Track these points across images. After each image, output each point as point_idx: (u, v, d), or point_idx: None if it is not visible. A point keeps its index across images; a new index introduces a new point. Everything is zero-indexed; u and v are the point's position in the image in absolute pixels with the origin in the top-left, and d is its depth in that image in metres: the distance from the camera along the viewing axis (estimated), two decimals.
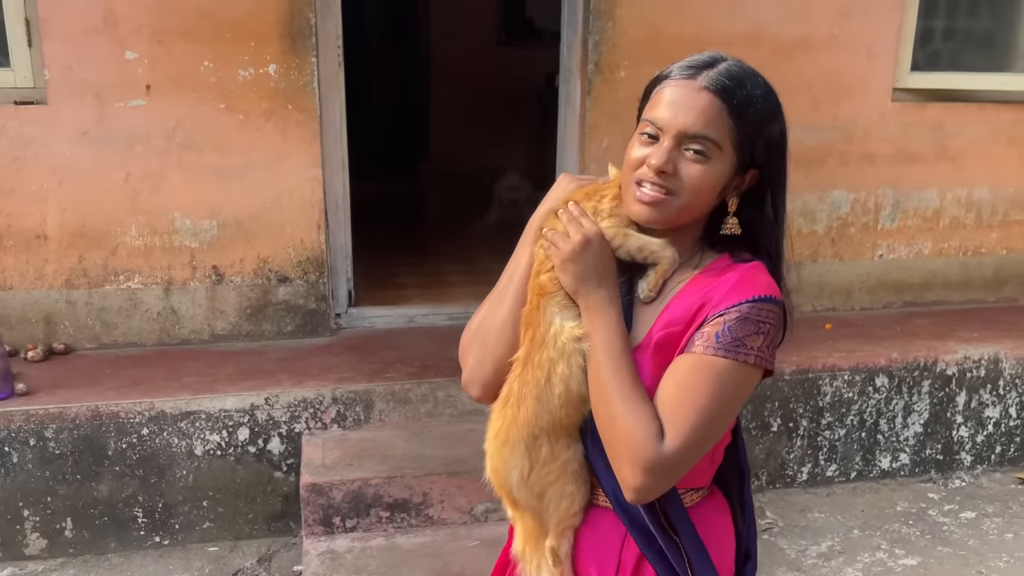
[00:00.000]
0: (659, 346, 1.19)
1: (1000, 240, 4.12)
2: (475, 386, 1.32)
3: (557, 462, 1.24)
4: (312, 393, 3.00)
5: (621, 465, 1.14)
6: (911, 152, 3.89)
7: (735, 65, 1.20)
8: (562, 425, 1.23)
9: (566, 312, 1.22)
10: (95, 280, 3.25)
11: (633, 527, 1.24)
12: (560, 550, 1.29)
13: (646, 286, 1.23)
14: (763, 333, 1.15)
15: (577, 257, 1.19)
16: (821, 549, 3.05)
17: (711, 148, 1.17)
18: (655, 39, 3.42)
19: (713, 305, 1.16)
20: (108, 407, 2.86)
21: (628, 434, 1.12)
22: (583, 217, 1.22)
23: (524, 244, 1.29)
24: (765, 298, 1.16)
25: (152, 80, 3.12)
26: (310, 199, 3.33)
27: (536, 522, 1.30)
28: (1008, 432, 3.63)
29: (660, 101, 1.19)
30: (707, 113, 1.16)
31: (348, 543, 2.75)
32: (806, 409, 3.38)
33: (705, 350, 1.13)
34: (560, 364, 1.20)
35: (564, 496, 1.25)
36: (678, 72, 1.20)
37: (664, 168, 1.16)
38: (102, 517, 2.92)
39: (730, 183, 1.21)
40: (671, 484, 1.16)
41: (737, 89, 1.17)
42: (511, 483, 1.27)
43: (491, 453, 1.29)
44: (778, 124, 1.22)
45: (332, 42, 3.33)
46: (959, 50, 4.03)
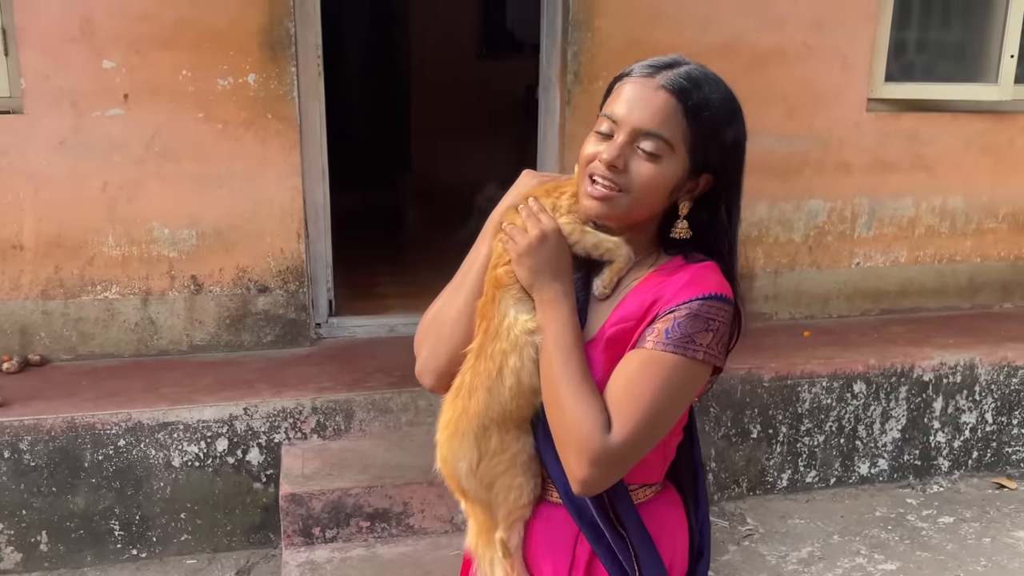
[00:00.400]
0: (611, 341, 1.20)
1: (974, 248, 4.18)
2: (428, 375, 1.33)
3: (506, 453, 1.25)
4: (292, 403, 2.98)
5: (568, 456, 1.15)
6: (886, 161, 3.94)
7: (696, 69, 1.21)
8: (512, 417, 1.24)
9: (520, 305, 1.23)
10: (72, 290, 3.22)
11: (582, 521, 1.25)
12: (510, 542, 1.29)
13: (601, 283, 1.25)
14: (712, 330, 1.16)
15: (533, 251, 1.21)
16: (801, 555, 3.06)
17: (663, 148, 1.17)
18: (633, 49, 3.45)
19: (664, 302, 1.17)
20: (84, 418, 2.83)
21: (576, 425, 1.13)
22: (541, 213, 1.24)
23: (483, 238, 1.31)
24: (715, 296, 1.17)
25: (130, 89, 3.10)
26: (290, 208, 3.32)
27: (487, 514, 1.30)
28: (984, 437, 3.67)
29: (618, 97, 1.20)
30: (662, 112, 1.17)
31: (328, 553, 2.73)
32: (785, 416, 3.40)
33: (655, 345, 1.15)
34: (512, 356, 1.21)
35: (513, 488, 1.26)
36: (639, 70, 1.21)
37: (615, 163, 1.17)
38: (78, 530, 2.88)
39: (682, 185, 1.21)
40: (617, 477, 1.17)
41: (694, 91, 1.17)
42: (460, 473, 1.28)
43: (441, 443, 1.30)
44: (734, 130, 1.22)
45: (312, 52, 3.34)
46: (932, 61, 4.09)
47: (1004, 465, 3.73)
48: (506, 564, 1.30)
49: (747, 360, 3.40)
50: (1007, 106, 4.05)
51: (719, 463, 3.37)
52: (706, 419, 3.30)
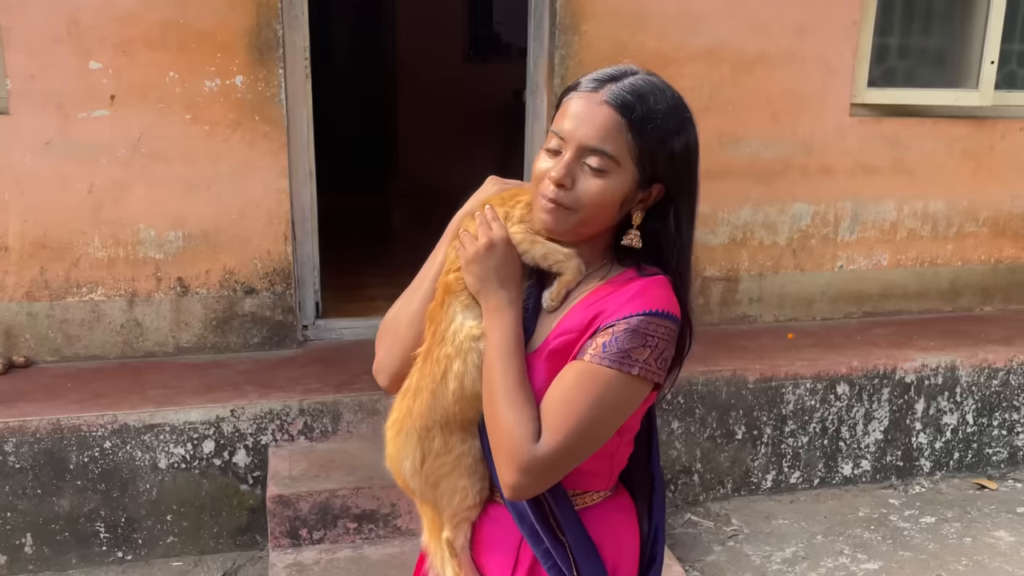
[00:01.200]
0: (553, 353, 1.20)
1: (955, 251, 4.23)
2: (383, 375, 1.35)
3: (450, 455, 1.27)
4: (279, 405, 2.99)
5: (500, 462, 1.17)
6: (869, 166, 3.99)
7: (641, 79, 1.19)
8: (456, 420, 1.25)
9: (468, 312, 1.25)
10: (57, 292, 3.21)
11: (523, 525, 1.26)
12: (456, 542, 1.31)
13: (548, 296, 1.25)
14: (651, 347, 1.15)
15: (481, 259, 1.22)
16: (785, 555, 3.09)
17: (609, 163, 1.17)
18: (620, 53, 3.48)
19: (607, 316, 1.17)
20: (69, 420, 2.82)
21: (507, 432, 1.15)
22: (494, 221, 1.24)
23: (442, 243, 1.32)
24: (658, 312, 1.16)
25: (116, 90, 3.10)
26: (277, 210, 3.32)
27: (434, 512, 1.33)
28: (965, 438, 3.72)
29: (565, 113, 1.20)
30: (605, 127, 1.16)
31: (315, 555, 2.73)
32: (770, 417, 3.43)
33: (592, 358, 1.15)
34: (456, 361, 1.23)
35: (457, 490, 1.28)
36: (585, 84, 1.20)
37: (562, 181, 1.17)
38: (63, 532, 2.87)
39: (633, 197, 1.20)
40: (546, 486, 1.18)
41: (638, 104, 1.16)
42: (405, 472, 1.30)
43: (388, 440, 1.32)
44: (683, 139, 1.20)
45: (299, 54, 3.34)
46: (914, 67, 4.15)
47: (985, 466, 3.78)
48: (453, 564, 1.31)
49: (732, 362, 3.43)
50: (987, 111, 4.11)
51: (704, 464, 3.39)
52: (691, 420, 3.33)
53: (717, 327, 3.85)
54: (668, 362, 1.19)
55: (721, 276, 3.86)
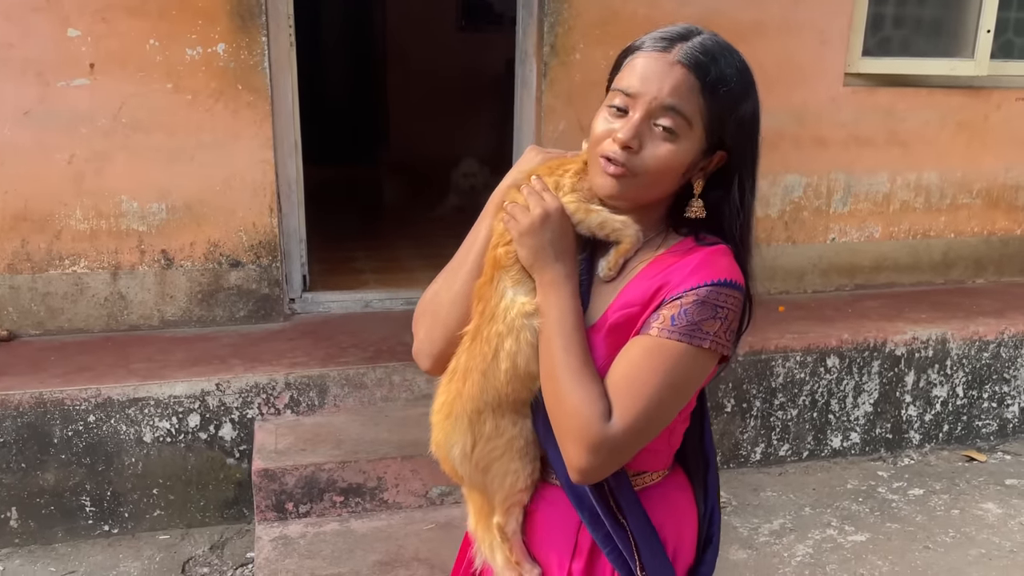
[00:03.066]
0: (614, 327, 1.16)
1: (948, 224, 4.20)
2: (424, 357, 1.29)
3: (502, 438, 1.22)
4: (265, 378, 2.96)
5: (566, 444, 1.12)
6: (862, 137, 3.95)
7: (710, 39, 1.14)
8: (508, 401, 1.20)
9: (519, 287, 1.19)
10: (39, 265, 3.16)
11: (581, 508, 1.22)
12: (507, 527, 1.27)
13: (606, 264, 1.20)
14: (721, 318, 1.11)
15: (535, 230, 1.16)
16: (773, 527, 3.09)
17: (681, 125, 1.12)
18: (610, 21, 3.42)
19: (672, 287, 1.13)
20: (53, 394, 2.79)
21: (575, 412, 1.09)
22: (545, 191, 1.19)
23: (485, 217, 1.26)
24: (725, 282, 1.12)
25: (96, 59, 3.03)
26: (262, 182, 3.27)
27: (483, 498, 1.28)
28: (955, 411, 3.72)
29: (632, 72, 1.14)
30: (680, 87, 1.11)
31: (301, 528, 2.72)
32: (759, 390, 3.42)
33: (660, 332, 1.10)
34: (508, 339, 1.17)
35: (509, 473, 1.23)
36: (651, 44, 1.14)
37: (630, 143, 1.12)
38: (48, 506, 2.86)
39: (696, 164, 1.16)
40: (617, 466, 1.14)
41: (711, 65, 1.12)
42: (454, 458, 1.25)
43: (435, 426, 1.27)
44: (751, 104, 1.16)
45: (283, 21, 3.27)
46: (909, 36, 4.09)
47: (974, 438, 3.78)
48: (504, 548, 1.28)
49: None
50: (983, 81, 4.06)
51: None
52: None
53: None
54: (736, 333, 1.16)
55: None
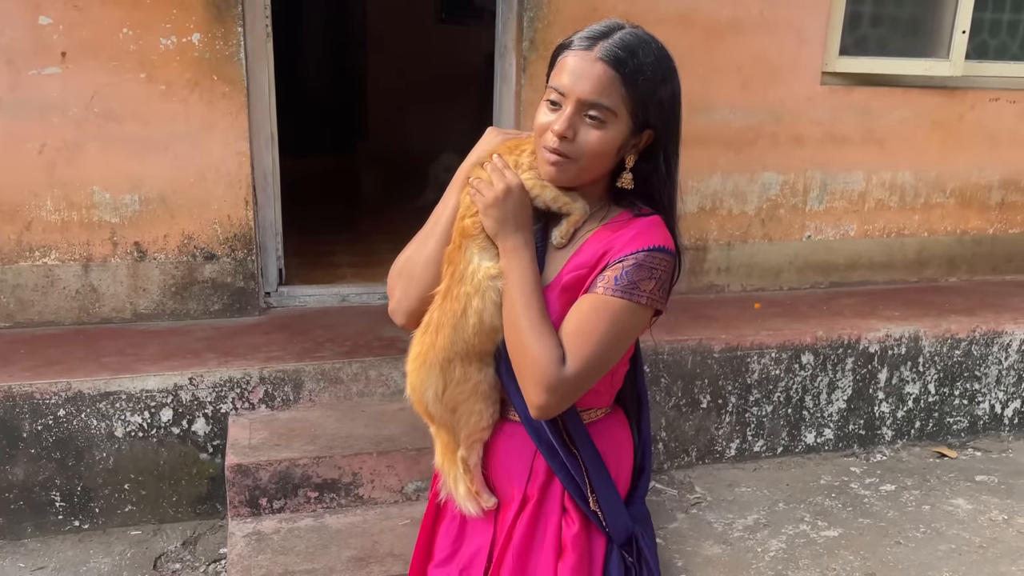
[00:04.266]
0: (566, 287, 1.34)
1: (922, 222, 4.25)
2: (400, 314, 1.46)
3: (469, 383, 1.39)
4: (239, 373, 2.93)
5: (527, 385, 1.30)
6: (839, 135, 3.97)
7: (629, 34, 1.30)
8: (475, 351, 1.38)
9: (484, 253, 1.36)
10: (9, 256, 3.11)
11: (539, 442, 1.41)
12: (470, 460, 1.45)
13: (558, 233, 1.38)
14: (655, 278, 1.30)
15: (499, 203, 1.33)
16: (747, 522, 3.11)
17: (607, 114, 1.29)
18: (590, 16, 3.37)
19: (614, 253, 1.31)
20: (22, 388, 2.75)
21: (535, 359, 1.28)
22: (506, 169, 1.35)
23: (451, 190, 1.42)
24: (659, 248, 1.31)
25: (67, 47, 2.98)
26: (237, 174, 3.24)
27: (450, 436, 1.46)
28: (927, 408, 3.76)
29: (562, 70, 1.30)
30: (602, 82, 1.27)
31: (275, 524, 2.70)
32: (735, 386, 3.44)
33: (604, 291, 1.29)
34: (475, 298, 1.35)
35: (473, 413, 1.41)
36: (578, 42, 1.30)
37: (565, 134, 1.29)
38: (17, 501, 2.82)
39: (627, 143, 1.33)
40: (569, 403, 1.32)
41: (629, 59, 1.27)
42: (427, 399, 1.42)
43: (410, 373, 1.43)
44: (669, 87, 1.32)
45: (259, 12, 3.24)
46: (886, 36, 4.12)
47: (945, 435, 3.83)
48: (466, 479, 1.45)
49: (698, 331, 3.42)
50: (958, 82, 4.10)
51: (669, 433, 3.40)
52: (657, 389, 3.33)
53: (684, 296, 3.84)
54: (668, 290, 1.34)
55: (689, 245, 3.84)
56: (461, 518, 1.50)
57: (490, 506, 1.47)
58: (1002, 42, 4.23)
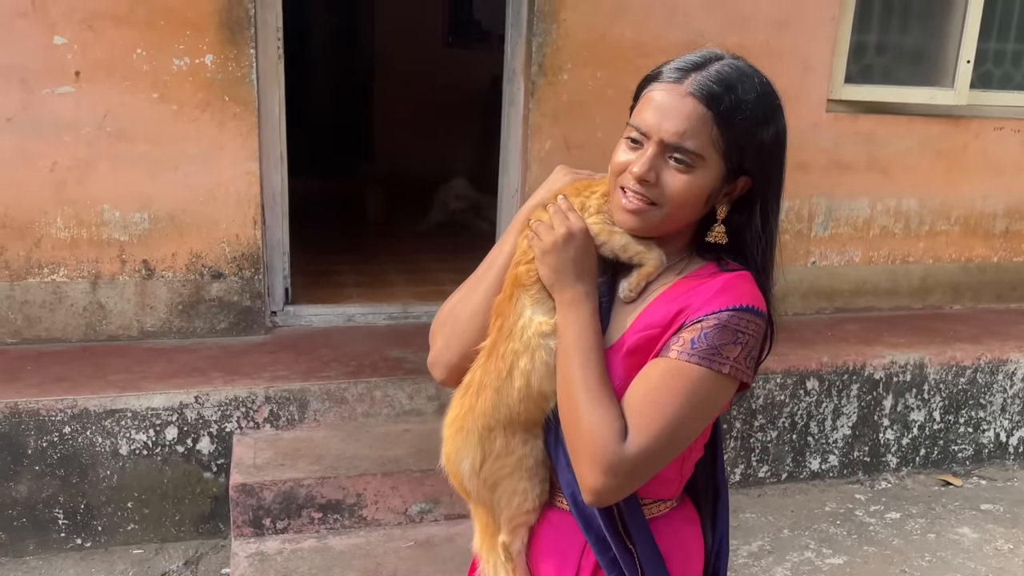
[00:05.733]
0: (633, 349, 1.16)
1: (927, 249, 4.26)
2: (439, 368, 1.30)
3: (512, 457, 1.22)
4: (244, 392, 2.94)
5: (581, 464, 1.11)
6: (843, 162, 4.00)
7: (728, 65, 1.15)
8: (520, 420, 1.21)
9: (538, 306, 1.20)
10: (17, 273, 3.13)
11: (589, 532, 1.21)
12: (512, 547, 1.27)
13: (627, 286, 1.21)
14: (741, 344, 1.11)
15: (558, 249, 1.17)
16: (752, 549, 3.10)
17: (695, 159, 1.13)
18: (598, 43, 3.45)
19: (693, 311, 1.13)
20: (28, 404, 2.75)
21: (591, 432, 1.09)
22: (570, 211, 1.20)
23: (509, 233, 1.27)
24: (747, 308, 1.12)
25: (82, 66, 3.02)
26: (246, 193, 3.26)
27: (489, 516, 1.28)
28: (932, 435, 3.75)
29: (647, 106, 1.15)
30: (690, 121, 1.11)
31: (278, 545, 2.69)
32: (739, 411, 3.43)
33: (679, 355, 1.10)
34: (523, 358, 1.18)
35: (517, 492, 1.24)
36: (667, 74, 1.15)
37: (646, 177, 1.14)
38: (20, 518, 2.81)
39: (719, 191, 1.16)
40: (631, 489, 1.13)
41: (725, 95, 1.12)
42: (462, 472, 1.26)
43: (446, 439, 1.28)
44: (772, 129, 1.16)
45: (272, 34, 3.27)
46: (891, 64, 4.15)
47: (950, 463, 3.81)
48: (508, 568, 1.28)
49: None
50: (962, 111, 4.13)
51: None
52: None
53: None
54: (756, 360, 1.15)
55: None
56: None
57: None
58: (1006, 72, 4.27)
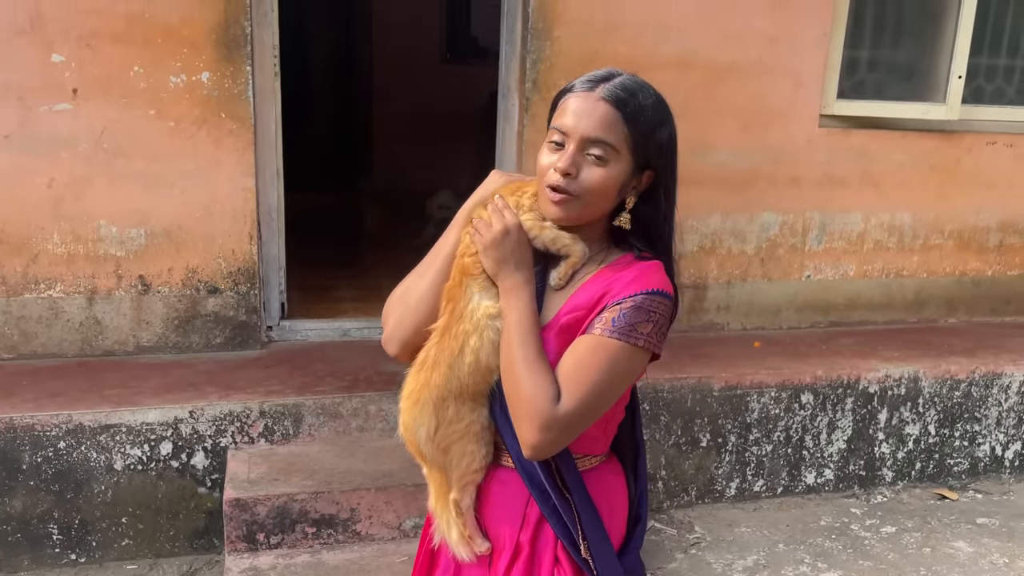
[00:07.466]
0: (564, 328, 1.35)
1: (920, 263, 4.27)
2: (394, 343, 1.46)
3: (462, 423, 1.39)
4: (239, 406, 2.94)
5: (521, 424, 1.29)
6: (837, 177, 4.02)
7: (629, 79, 1.36)
8: (469, 391, 1.37)
9: (485, 292, 1.37)
10: (14, 288, 3.14)
11: (531, 485, 1.40)
12: (462, 503, 1.43)
13: (557, 275, 1.39)
14: (653, 321, 1.31)
15: (498, 244, 1.35)
16: (747, 563, 3.09)
17: (609, 152, 1.32)
18: (591, 59, 3.48)
19: (613, 295, 1.32)
20: (23, 419, 2.76)
21: (530, 397, 1.28)
22: (506, 209, 1.37)
23: (453, 227, 1.44)
24: (657, 292, 1.32)
25: (79, 84, 3.04)
26: (242, 209, 3.28)
27: (442, 476, 1.44)
28: (927, 449, 3.75)
29: (565, 111, 1.34)
30: (605, 120, 1.31)
31: (272, 560, 2.69)
32: (734, 425, 3.44)
33: (602, 332, 1.30)
34: (473, 337, 1.36)
35: (466, 454, 1.40)
36: (579, 85, 1.35)
37: (568, 170, 1.32)
38: (15, 534, 2.81)
39: (628, 183, 1.36)
40: (563, 444, 1.32)
41: (630, 99, 1.32)
42: (419, 439, 1.41)
43: (403, 411, 1.42)
44: (667, 129, 1.37)
45: (268, 52, 3.30)
46: (883, 79, 4.19)
47: (946, 476, 3.81)
48: (459, 523, 1.43)
49: (698, 369, 3.43)
50: (954, 126, 4.16)
51: (669, 471, 3.40)
52: (656, 427, 3.33)
53: (684, 334, 3.85)
54: (665, 334, 1.35)
55: (689, 284, 3.87)
56: (456, 564, 1.48)
57: (483, 551, 1.45)
58: (998, 87, 4.30)
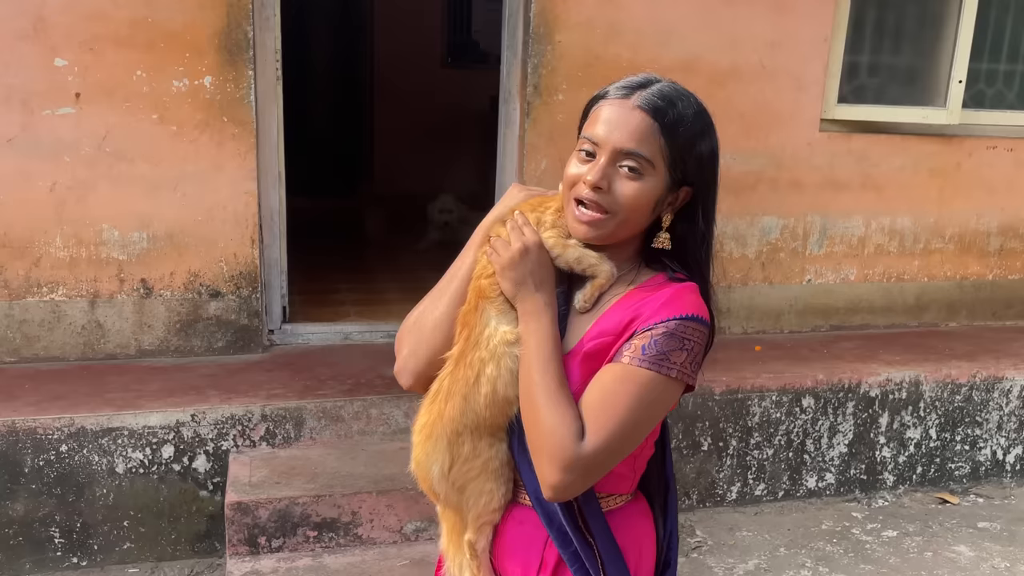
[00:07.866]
0: (589, 355, 1.23)
1: (921, 267, 4.28)
2: (406, 374, 1.35)
3: (479, 459, 1.28)
4: (241, 410, 2.95)
5: (541, 461, 1.18)
6: (838, 181, 4.03)
7: (668, 86, 1.25)
8: (486, 424, 1.27)
9: (502, 316, 1.26)
10: (16, 292, 3.15)
11: (551, 527, 1.28)
12: (477, 544, 1.33)
13: (582, 297, 1.27)
14: (687, 350, 1.19)
15: (516, 264, 1.24)
16: (748, 567, 3.09)
17: (644, 165, 1.21)
18: (593, 64, 3.49)
19: (643, 320, 1.20)
20: (25, 423, 2.76)
21: (550, 432, 1.16)
22: (526, 226, 1.27)
23: (470, 247, 1.34)
24: (692, 317, 1.20)
25: (82, 88, 3.05)
26: (244, 213, 3.29)
27: (457, 517, 1.34)
28: (928, 453, 3.75)
29: (597, 120, 1.24)
30: (640, 131, 1.21)
31: (273, 563, 2.69)
32: (735, 429, 3.44)
33: (631, 360, 1.18)
34: (490, 365, 1.24)
35: (483, 493, 1.30)
36: (614, 92, 1.25)
37: (599, 184, 1.21)
38: (16, 537, 2.81)
39: (663, 200, 1.25)
40: (587, 485, 1.20)
41: (668, 109, 1.22)
42: (432, 476, 1.31)
43: (416, 445, 1.32)
44: (708, 142, 1.26)
45: (270, 56, 3.31)
46: (884, 84, 4.19)
47: (947, 480, 3.81)
48: (473, 566, 1.33)
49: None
50: (955, 130, 4.16)
51: None
52: None
53: None
54: (700, 364, 1.24)
55: None
56: None
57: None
58: (999, 91, 4.31)
